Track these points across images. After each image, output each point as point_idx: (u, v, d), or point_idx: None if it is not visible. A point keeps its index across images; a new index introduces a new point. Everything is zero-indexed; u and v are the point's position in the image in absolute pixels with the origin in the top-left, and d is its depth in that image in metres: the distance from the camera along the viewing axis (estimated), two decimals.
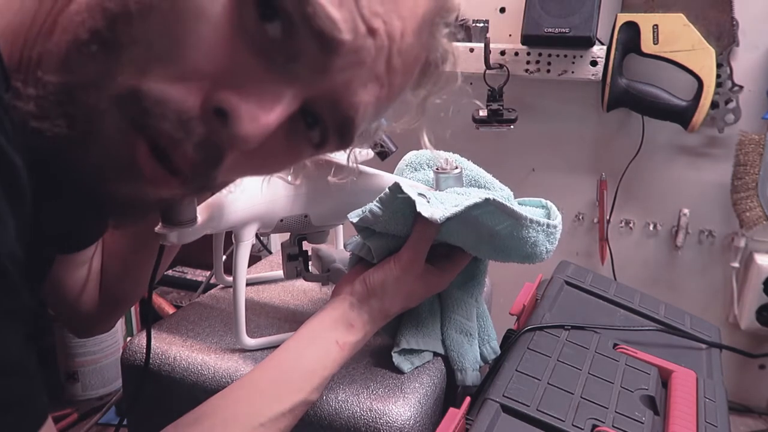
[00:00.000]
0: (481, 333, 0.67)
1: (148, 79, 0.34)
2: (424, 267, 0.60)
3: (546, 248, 0.60)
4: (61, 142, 0.34)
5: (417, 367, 0.62)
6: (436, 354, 0.64)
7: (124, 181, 0.36)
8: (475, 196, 0.56)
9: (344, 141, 0.42)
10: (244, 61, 0.35)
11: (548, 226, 0.59)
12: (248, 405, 0.50)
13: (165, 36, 0.33)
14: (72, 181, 0.36)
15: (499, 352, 0.67)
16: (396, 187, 0.56)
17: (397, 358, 0.62)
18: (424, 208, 0.54)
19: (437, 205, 0.56)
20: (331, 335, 0.56)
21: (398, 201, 0.56)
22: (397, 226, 0.59)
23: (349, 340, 0.56)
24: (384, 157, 0.62)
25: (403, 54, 0.40)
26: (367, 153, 0.76)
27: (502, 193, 0.66)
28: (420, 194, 0.56)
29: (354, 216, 0.59)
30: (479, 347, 0.66)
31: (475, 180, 0.67)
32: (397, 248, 0.60)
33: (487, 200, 0.55)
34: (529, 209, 0.63)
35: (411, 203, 0.55)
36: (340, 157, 0.70)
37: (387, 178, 0.66)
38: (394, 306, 0.59)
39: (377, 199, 0.58)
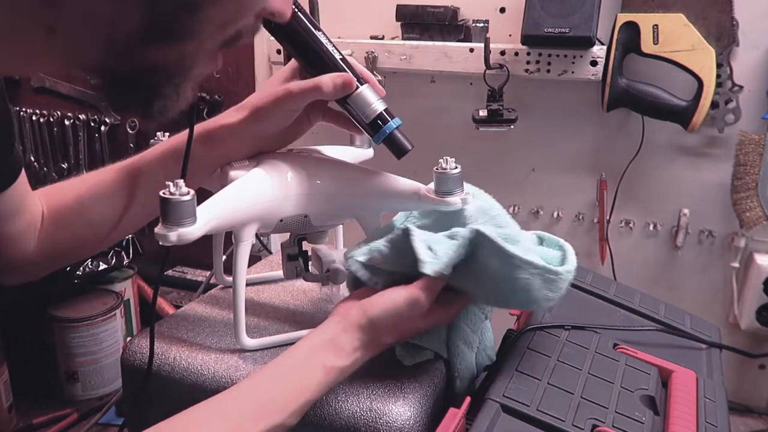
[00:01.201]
0: (480, 343, 0.67)
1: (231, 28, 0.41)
2: (431, 307, 0.59)
3: (544, 295, 0.57)
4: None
5: (417, 367, 0.62)
6: (437, 355, 0.64)
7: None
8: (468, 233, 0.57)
9: None
10: None
11: (547, 271, 0.56)
12: (221, 424, 0.50)
13: None
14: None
15: (494, 359, 0.66)
16: (406, 235, 0.57)
17: (399, 351, 0.61)
18: (428, 267, 0.55)
19: (443, 255, 0.56)
20: (319, 357, 0.54)
21: (407, 244, 0.57)
22: (404, 266, 0.58)
23: (337, 364, 0.54)
24: (400, 155, 0.62)
25: None
26: (368, 153, 0.76)
27: (507, 230, 0.63)
28: (429, 247, 0.57)
29: (360, 255, 0.59)
30: (476, 356, 0.66)
31: (485, 211, 0.66)
32: (403, 279, 0.59)
33: (477, 231, 0.55)
34: (541, 249, 0.62)
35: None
36: (339, 155, 0.70)
37: (387, 179, 0.66)
38: (390, 339, 0.58)
39: (386, 239, 0.58)
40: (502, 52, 1.08)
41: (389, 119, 0.61)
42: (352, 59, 0.63)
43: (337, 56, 0.61)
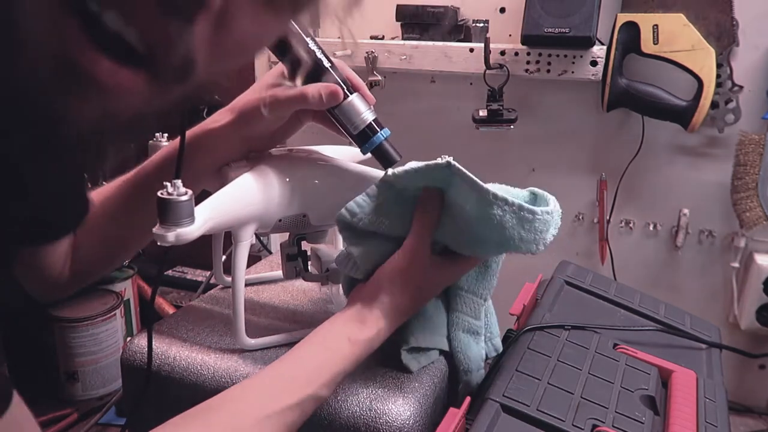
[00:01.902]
0: (485, 330, 0.67)
1: None
2: (430, 258, 0.59)
3: (519, 234, 0.54)
4: None
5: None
6: (441, 351, 0.64)
7: (71, 97, 0.27)
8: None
9: None
10: None
11: (521, 208, 0.54)
12: (255, 398, 0.51)
13: None
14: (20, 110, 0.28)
15: (501, 349, 0.67)
16: (382, 177, 0.58)
17: (405, 357, 0.61)
18: (389, 169, 0.57)
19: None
20: (342, 332, 0.56)
21: (385, 192, 0.57)
22: (382, 221, 0.59)
23: (361, 336, 0.56)
24: (388, 166, 0.62)
25: None
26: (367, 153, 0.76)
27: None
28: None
29: (342, 212, 0.60)
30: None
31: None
32: (382, 260, 0.60)
33: (448, 162, 0.55)
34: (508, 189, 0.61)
35: (396, 192, 0.57)
36: (337, 154, 0.70)
37: None
38: (404, 300, 0.59)
39: (363, 193, 0.59)
40: (502, 52, 1.08)
41: (378, 130, 0.61)
42: (343, 64, 0.63)
43: (326, 63, 0.60)
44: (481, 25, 1.12)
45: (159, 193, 0.50)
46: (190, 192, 0.51)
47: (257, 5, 0.33)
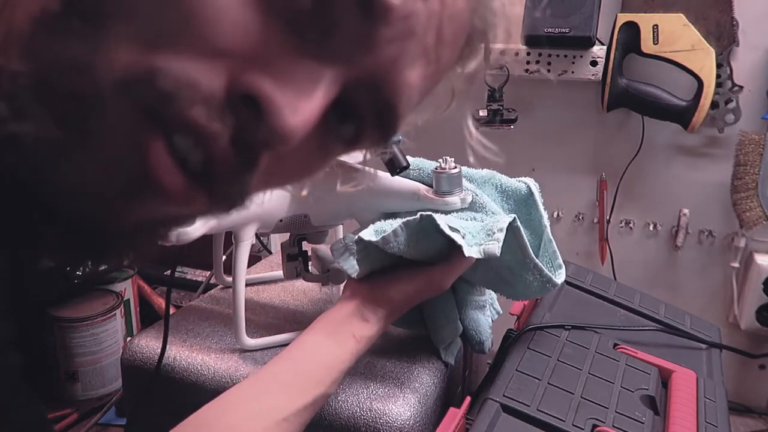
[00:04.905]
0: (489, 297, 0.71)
1: (161, 56, 0.25)
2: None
3: (532, 295, 0.64)
4: (46, 150, 0.25)
5: (417, 367, 0.62)
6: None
7: (134, 200, 0.28)
8: (500, 220, 0.58)
9: (386, 134, 0.35)
10: (274, 36, 0.28)
11: (549, 281, 0.60)
12: (271, 400, 0.51)
13: (174, 4, 0.26)
14: (64, 205, 0.27)
15: (500, 311, 0.71)
16: (430, 220, 0.56)
17: (445, 354, 0.65)
18: (471, 251, 0.55)
19: (469, 237, 0.57)
20: (347, 329, 0.56)
21: (425, 229, 0.57)
22: (410, 250, 0.58)
23: (365, 334, 0.57)
24: (394, 171, 0.62)
25: (453, 20, 0.32)
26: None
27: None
28: (452, 228, 0.56)
29: (370, 234, 0.57)
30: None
31: (466, 174, 0.68)
32: (383, 266, 0.60)
33: (514, 219, 0.57)
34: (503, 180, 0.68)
35: (438, 233, 0.56)
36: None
37: (386, 179, 0.66)
38: (407, 308, 0.61)
39: (404, 222, 0.56)
40: (502, 52, 1.07)
41: None
42: None
43: None
44: None
45: None
46: None
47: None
